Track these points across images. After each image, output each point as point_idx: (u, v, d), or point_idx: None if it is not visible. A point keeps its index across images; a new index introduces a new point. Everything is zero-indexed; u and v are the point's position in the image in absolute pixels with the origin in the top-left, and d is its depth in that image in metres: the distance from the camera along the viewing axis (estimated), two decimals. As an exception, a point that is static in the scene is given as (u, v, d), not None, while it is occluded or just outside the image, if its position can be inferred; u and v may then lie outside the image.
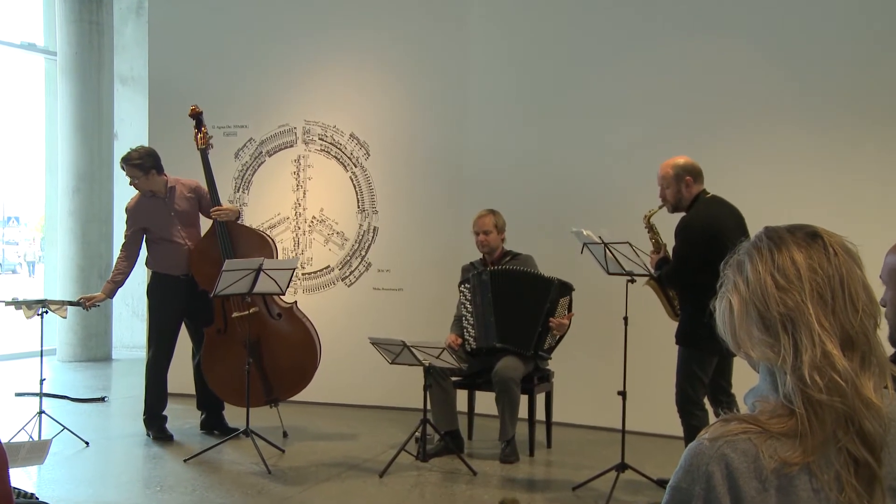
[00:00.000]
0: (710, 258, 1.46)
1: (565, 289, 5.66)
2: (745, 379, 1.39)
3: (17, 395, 7.58)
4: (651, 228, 4.86)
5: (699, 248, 4.43)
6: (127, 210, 6.03)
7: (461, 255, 6.34)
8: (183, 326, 6.13)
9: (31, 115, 10.80)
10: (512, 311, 5.68)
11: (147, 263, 6.10)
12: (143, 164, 5.90)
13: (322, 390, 6.88)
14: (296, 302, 6.29)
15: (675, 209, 4.74)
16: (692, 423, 4.54)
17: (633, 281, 4.96)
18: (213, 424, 6.18)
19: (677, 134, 6.24)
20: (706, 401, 4.71)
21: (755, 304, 1.35)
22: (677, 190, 4.68)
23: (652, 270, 4.84)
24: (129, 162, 5.92)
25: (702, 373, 4.60)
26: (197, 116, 6.14)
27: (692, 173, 4.67)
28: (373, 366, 6.50)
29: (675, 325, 4.85)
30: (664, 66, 6.41)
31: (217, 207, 5.99)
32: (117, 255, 6.11)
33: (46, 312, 5.71)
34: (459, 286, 5.90)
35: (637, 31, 6.53)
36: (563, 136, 6.72)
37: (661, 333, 5.69)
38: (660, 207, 4.81)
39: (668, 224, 4.84)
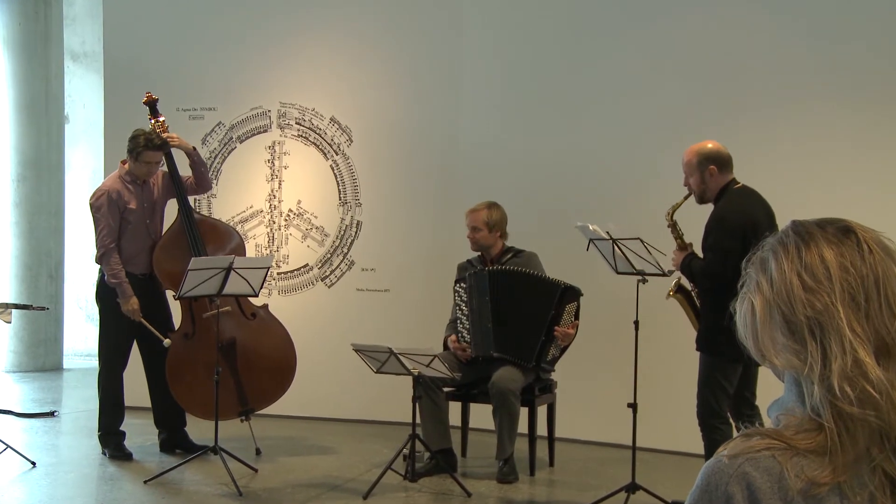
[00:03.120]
0: (743, 256, 1.46)
1: (572, 294, 5.67)
2: (771, 389, 1.40)
3: (-43, 409, 7.56)
4: (674, 226, 4.86)
5: (738, 242, 4.45)
6: (109, 194, 5.90)
7: (454, 253, 6.35)
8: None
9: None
10: (512, 316, 5.69)
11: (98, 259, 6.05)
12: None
13: (299, 402, 6.88)
14: (266, 304, 6.30)
15: (700, 200, 4.76)
16: (715, 437, 4.56)
17: (644, 281, 4.97)
18: (175, 443, 6.17)
19: (692, 117, 6.26)
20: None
21: (779, 307, 1.35)
22: (700, 179, 4.70)
23: (673, 269, 4.85)
24: (164, 147, 5.89)
25: (726, 382, 4.62)
26: (151, 104, 6.12)
27: (717, 162, 4.67)
28: (356, 375, 6.51)
29: (692, 329, 4.87)
30: (676, 41, 6.43)
31: (171, 136, 5.99)
32: (103, 253, 5.88)
33: (-12, 317, 5.69)
34: (454, 286, 5.90)
35: (644, 3, 6.54)
36: (566, 121, 6.73)
37: (676, 339, 5.72)
38: (685, 198, 4.81)
39: (688, 220, 4.85)
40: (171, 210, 6.19)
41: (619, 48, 6.61)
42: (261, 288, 5.73)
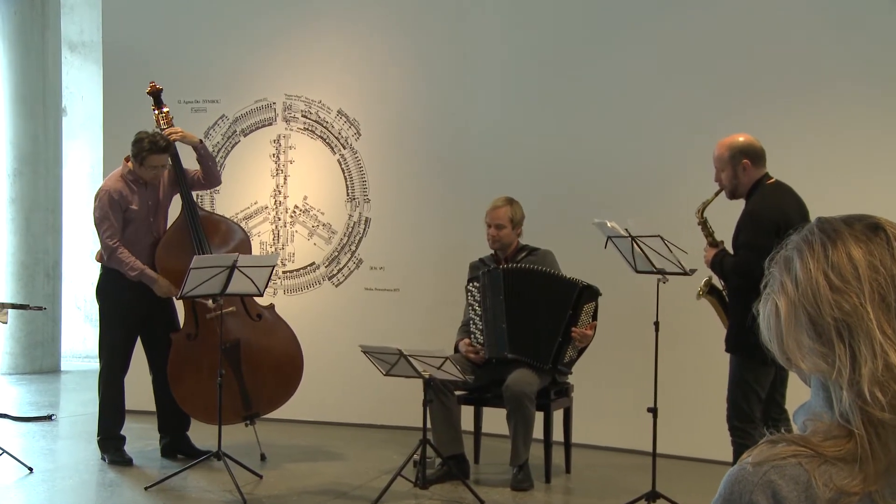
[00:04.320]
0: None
1: (591, 294, 5.67)
2: (802, 391, 1.39)
3: (-49, 412, 7.60)
4: (704, 223, 4.84)
5: (772, 239, 4.43)
6: (111, 193, 5.90)
7: (466, 251, 6.35)
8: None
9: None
10: (528, 316, 5.69)
11: (100, 257, 6.07)
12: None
13: (306, 406, 6.90)
14: (272, 305, 6.32)
15: (732, 195, 4.75)
16: (745, 442, 4.54)
17: (665, 280, 4.96)
18: (178, 448, 6.20)
19: (716, 108, 6.23)
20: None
21: (805, 308, 1.34)
22: (733, 174, 4.68)
23: (696, 268, 4.84)
24: (169, 149, 5.91)
25: (757, 385, 4.61)
26: (156, 94, 6.14)
27: (751, 156, 4.66)
28: (364, 378, 6.52)
29: (717, 330, 4.85)
30: (697, 29, 6.40)
31: (173, 130, 6.00)
32: (111, 253, 5.88)
33: (-17, 317, 5.72)
34: (467, 285, 5.91)
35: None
36: (582, 112, 6.72)
37: (698, 340, 5.71)
38: (716, 195, 4.80)
39: (716, 217, 4.83)
40: (175, 205, 6.21)
41: (638, 35, 6.59)
42: (266, 287, 5.74)
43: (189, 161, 6.18)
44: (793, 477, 1.29)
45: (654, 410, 5.03)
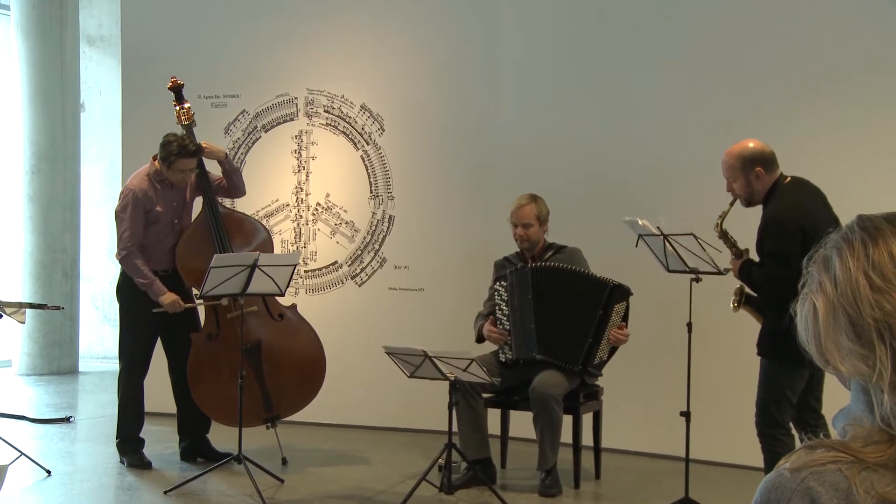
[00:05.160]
0: (804, 255, 1.45)
1: (622, 293, 5.66)
2: (838, 396, 1.39)
3: (-32, 414, 7.68)
4: (724, 236, 4.81)
5: (798, 242, 4.40)
6: (136, 193, 5.93)
7: (493, 250, 6.35)
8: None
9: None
10: (557, 316, 5.68)
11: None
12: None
13: (328, 409, 6.92)
14: (294, 305, 6.34)
15: (748, 204, 4.71)
16: (776, 449, 4.52)
17: (698, 280, 4.95)
18: (197, 451, 6.24)
19: (755, 101, 6.19)
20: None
21: (844, 309, 1.34)
22: (746, 183, 4.65)
23: (723, 269, 4.81)
24: (198, 153, 5.95)
25: (789, 389, 4.58)
26: (177, 90, 6.18)
27: (763, 162, 4.62)
28: (388, 380, 6.53)
29: (753, 331, 4.82)
30: (736, 18, 6.36)
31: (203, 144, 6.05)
32: (125, 256, 5.89)
33: (1, 317, 5.77)
34: (493, 284, 5.90)
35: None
36: (611, 106, 6.70)
37: (732, 342, 5.69)
38: (731, 205, 4.77)
39: (735, 224, 4.81)
40: (196, 202, 6.25)
41: (667, 28, 6.55)
42: (287, 287, 5.76)
43: (212, 164, 6.22)
44: (832, 484, 1.28)
45: (686, 414, 5.01)
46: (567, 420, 5.69)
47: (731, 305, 4.81)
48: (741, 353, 5.21)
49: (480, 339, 5.93)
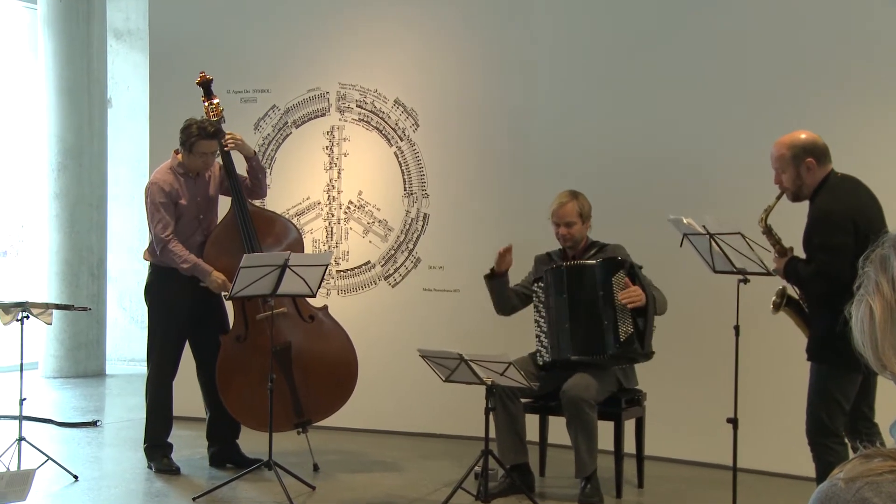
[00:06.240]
0: (857, 253, 1.44)
1: (610, 267, 5.59)
2: (892, 403, 1.37)
3: (-7, 417, 7.76)
4: (769, 231, 4.78)
5: (850, 237, 4.37)
6: (161, 186, 5.98)
7: (531, 249, 6.32)
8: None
9: (6, 77, 11.05)
10: (591, 314, 5.66)
11: (148, 254, 6.17)
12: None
13: (360, 413, 6.94)
14: (326, 306, 6.36)
15: (795, 198, 4.67)
16: (828, 458, 4.48)
17: (745, 281, 4.91)
18: (226, 457, 6.27)
19: (807, 94, 6.14)
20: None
21: (903, 311, 1.33)
22: (796, 175, 4.61)
23: (772, 270, 4.78)
24: (218, 135, 6.00)
25: (842, 396, 4.53)
26: (206, 85, 6.23)
27: (815, 154, 4.59)
28: (422, 384, 6.54)
29: (801, 335, 4.79)
30: (783, 8, 6.30)
31: (232, 137, 6.09)
32: (163, 247, 5.93)
33: (28, 317, 5.82)
34: (533, 284, 5.89)
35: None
36: (657, 100, 6.65)
37: (782, 345, 5.65)
38: (778, 199, 4.73)
39: (779, 225, 4.77)
40: (224, 201, 6.28)
41: (713, 17, 6.49)
42: (319, 288, 5.78)
43: (238, 161, 6.26)
44: (890, 494, 1.27)
45: (734, 421, 4.98)
46: (608, 426, 5.66)
47: (771, 307, 4.77)
48: (791, 357, 5.17)
49: (492, 274, 5.93)
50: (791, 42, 6.26)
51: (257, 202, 6.69)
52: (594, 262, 5.65)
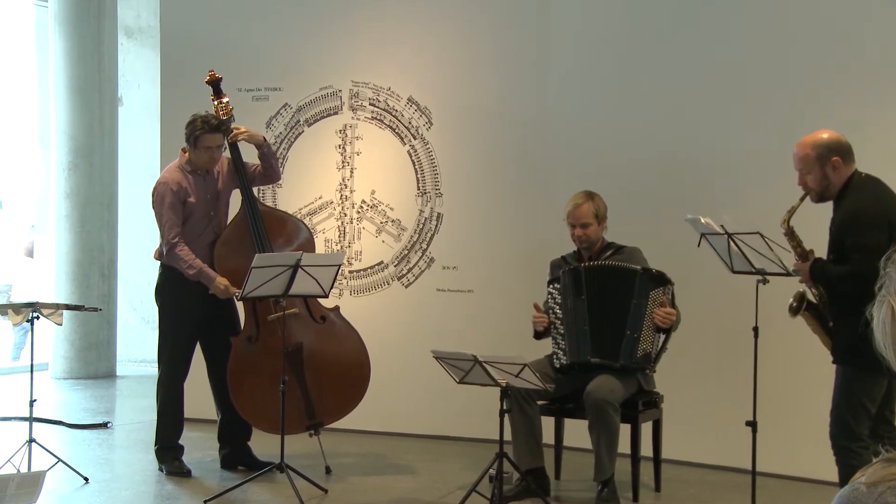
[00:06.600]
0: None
1: (654, 280, 5.60)
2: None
3: (2, 419, 7.79)
4: (791, 233, 4.75)
5: (884, 236, 4.35)
6: (170, 185, 5.99)
7: (546, 249, 6.32)
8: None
9: (17, 75, 11.10)
10: (610, 317, 5.65)
11: (159, 254, 6.18)
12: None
13: (373, 415, 6.94)
14: (338, 307, 6.36)
15: (820, 199, 4.65)
16: (851, 463, 4.46)
17: (765, 281, 4.90)
18: (238, 459, 6.28)
19: (826, 94, 6.11)
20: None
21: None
22: (822, 175, 4.58)
23: (792, 271, 4.76)
24: (222, 128, 6.01)
25: (868, 399, 4.51)
26: (215, 84, 6.24)
27: (840, 152, 4.57)
28: (436, 386, 6.53)
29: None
30: (807, 4, 6.28)
31: (238, 129, 6.11)
32: (170, 248, 5.94)
33: (38, 318, 5.84)
34: (548, 287, 5.89)
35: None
36: (674, 98, 6.63)
37: (802, 347, 5.62)
38: (801, 200, 4.71)
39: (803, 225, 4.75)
40: (235, 201, 6.29)
41: (732, 16, 6.47)
42: (331, 288, 5.79)
43: (248, 154, 6.26)
44: (912, 499, 1.27)
45: (753, 424, 4.96)
46: (625, 429, 5.65)
47: (788, 311, 4.74)
48: (811, 359, 5.15)
49: (537, 334, 5.90)
50: (827, 38, 6.21)
51: (269, 200, 6.71)
52: (637, 267, 5.63)
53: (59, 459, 5.98)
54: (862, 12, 6.11)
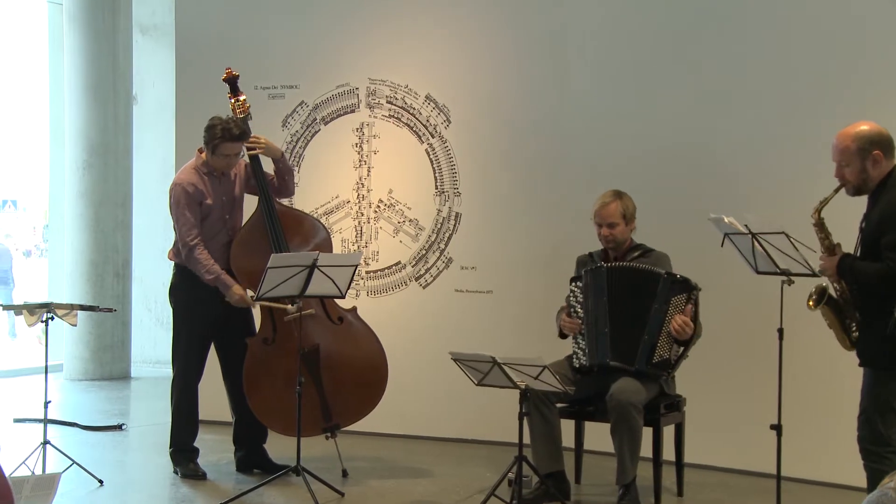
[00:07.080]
0: None
1: (678, 286, 5.57)
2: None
3: (17, 420, 7.84)
4: (821, 225, 4.71)
5: None
6: (184, 187, 6.00)
7: (567, 250, 6.30)
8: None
9: (31, 73, 11.16)
10: (632, 320, 5.63)
11: (173, 254, 6.20)
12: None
13: (390, 418, 6.95)
14: (355, 308, 6.37)
15: (857, 192, 4.61)
16: (881, 468, 4.42)
17: (790, 282, 4.87)
18: (253, 462, 6.30)
19: (854, 94, 6.07)
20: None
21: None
22: (861, 168, 4.54)
23: (818, 270, 4.73)
24: (243, 137, 6.01)
25: None
26: (232, 81, 6.25)
27: (882, 145, 4.51)
28: (454, 388, 6.53)
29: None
30: (830, 4, 6.25)
31: (255, 138, 6.11)
32: (188, 251, 5.95)
33: (52, 319, 5.87)
34: (571, 283, 5.86)
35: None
36: (697, 98, 6.60)
37: (828, 349, 5.57)
38: (835, 192, 4.67)
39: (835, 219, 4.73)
40: (251, 200, 6.30)
41: (757, 14, 6.44)
42: (348, 288, 5.79)
43: (265, 163, 6.28)
44: (941, 505, 1.26)
45: (778, 428, 4.94)
46: (647, 432, 5.63)
47: (808, 303, 4.70)
48: (837, 361, 5.12)
49: (562, 334, 5.89)
50: (836, 45, 6.18)
51: (285, 201, 6.72)
52: (661, 271, 5.60)
53: (74, 462, 6.01)
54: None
